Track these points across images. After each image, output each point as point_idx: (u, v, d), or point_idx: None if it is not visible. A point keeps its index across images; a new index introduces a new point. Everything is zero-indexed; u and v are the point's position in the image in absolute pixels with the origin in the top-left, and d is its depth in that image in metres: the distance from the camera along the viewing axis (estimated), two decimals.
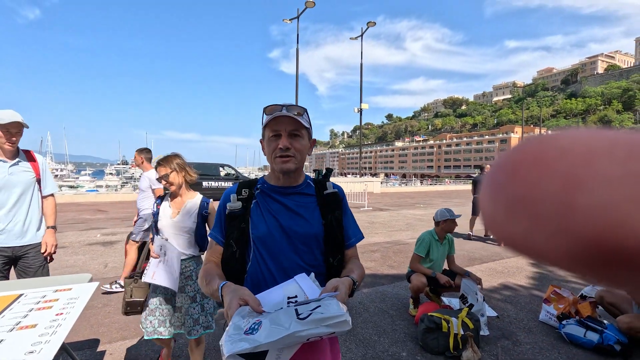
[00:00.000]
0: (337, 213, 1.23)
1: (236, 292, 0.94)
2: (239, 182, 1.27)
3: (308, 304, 0.88)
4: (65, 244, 6.94)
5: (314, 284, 1.01)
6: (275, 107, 1.14)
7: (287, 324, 0.81)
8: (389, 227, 9.21)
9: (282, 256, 1.14)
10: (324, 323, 0.81)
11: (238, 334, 0.81)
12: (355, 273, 1.13)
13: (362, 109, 24.31)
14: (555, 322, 3.30)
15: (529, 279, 4.81)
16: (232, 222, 1.17)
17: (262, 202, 1.19)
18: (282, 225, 1.15)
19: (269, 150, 1.16)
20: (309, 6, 19.98)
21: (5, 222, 2.42)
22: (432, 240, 3.65)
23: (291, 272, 1.11)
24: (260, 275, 1.14)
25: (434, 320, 2.90)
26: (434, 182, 43.27)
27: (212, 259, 1.21)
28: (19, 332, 1.60)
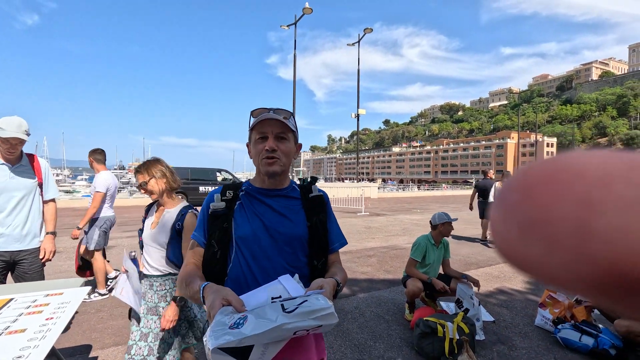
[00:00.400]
0: (321, 216, 1.23)
1: (219, 292, 0.92)
2: (224, 185, 1.26)
3: (294, 300, 0.87)
4: (60, 249, 6.88)
5: (298, 285, 1.00)
6: (262, 110, 1.15)
7: (273, 317, 0.80)
8: (385, 232, 9.20)
9: (265, 258, 1.12)
10: (311, 316, 0.81)
11: (222, 329, 0.79)
12: (338, 276, 1.12)
13: (360, 114, 24.43)
14: (550, 326, 3.29)
15: (524, 284, 4.81)
16: (215, 222, 1.16)
17: (247, 204, 1.19)
18: (266, 226, 1.14)
19: (255, 152, 1.16)
20: (306, 12, 20.14)
21: (4, 226, 2.40)
22: (428, 245, 3.64)
23: (274, 274, 1.09)
24: (241, 277, 1.12)
25: (430, 324, 2.89)
26: (431, 188, 43.33)
27: (192, 260, 1.18)
28: (7, 337, 1.57)
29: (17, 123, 2.36)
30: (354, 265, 5.73)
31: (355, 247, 7.19)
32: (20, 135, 2.34)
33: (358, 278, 5.00)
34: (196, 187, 15.03)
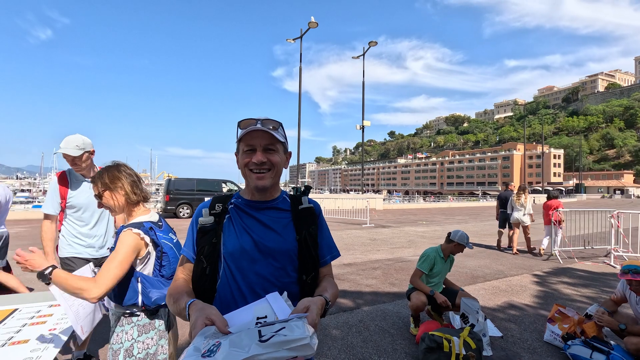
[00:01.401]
0: (312, 229, 1.19)
1: (203, 310, 0.90)
2: (213, 197, 1.22)
3: (273, 325, 0.84)
4: None
5: (285, 304, 0.97)
6: (249, 122, 1.11)
7: (247, 346, 0.76)
8: (390, 244, 9.12)
9: (253, 273, 1.09)
10: (285, 346, 0.77)
11: (195, 355, 0.77)
12: (328, 292, 1.09)
13: (365, 126, 24.51)
14: (560, 342, 3.21)
15: (533, 298, 4.71)
16: (204, 237, 1.13)
17: (235, 217, 1.16)
18: (255, 241, 1.11)
19: (242, 165, 1.14)
20: (312, 26, 20.48)
21: (92, 237, 2.66)
22: (437, 257, 3.61)
23: (261, 291, 1.07)
24: (229, 294, 1.09)
25: (435, 339, 2.83)
26: (437, 199, 43.03)
27: (181, 275, 1.17)
28: (10, 347, 1.58)
29: (69, 140, 2.46)
30: (358, 277, 5.67)
31: (360, 259, 7.13)
32: (68, 151, 2.43)
33: (362, 291, 4.94)
34: (202, 197, 15.19)
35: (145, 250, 1.57)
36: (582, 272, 6.33)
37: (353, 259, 7.16)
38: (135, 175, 1.80)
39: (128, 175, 1.74)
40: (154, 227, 1.64)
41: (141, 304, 1.57)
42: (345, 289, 4.98)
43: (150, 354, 1.61)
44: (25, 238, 9.66)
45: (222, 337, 0.82)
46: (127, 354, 1.56)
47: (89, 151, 2.54)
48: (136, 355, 1.57)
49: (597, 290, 5.11)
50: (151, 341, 1.62)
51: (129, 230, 1.54)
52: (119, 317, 1.61)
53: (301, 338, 0.78)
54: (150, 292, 1.57)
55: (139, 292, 1.56)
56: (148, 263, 1.60)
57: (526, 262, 7.11)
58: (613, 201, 49.95)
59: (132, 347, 1.58)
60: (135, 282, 1.57)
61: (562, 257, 7.37)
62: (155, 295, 1.57)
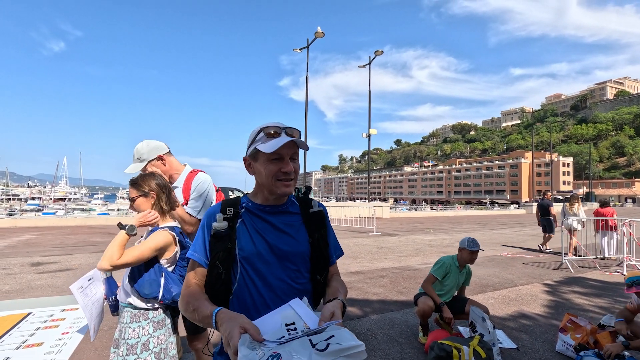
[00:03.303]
0: (322, 231, 1.24)
1: (234, 320, 0.90)
2: (222, 201, 1.22)
3: (319, 334, 0.86)
4: (74, 266, 6.99)
5: (309, 310, 1.00)
6: (276, 129, 1.11)
7: (306, 356, 0.78)
8: (398, 253, 9.05)
9: (270, 275, 1.12)
10: (343, 354, 0.79)
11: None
12: (341, 292, 1.15)
13: (371, 134, 24.56)
14: (572, 352, 3.14)
15: (544, 307, 4.63)
16: (218, 243, 1.12)
17: (248, 221, 1.17)
18: (270, 244, 1.14)
19: (267, 172, 1.12)
20: (318, 36, 20.73)
21: None
22: (452, 266, 3.56)
23: (279, 291, 1.10)
24: (247, 296, 1.12)
25: (445, 348, 2.80)
26: (444, 208, 42.67)
27: (194, 280, 1.15)
28: (25, 350, 1.60)
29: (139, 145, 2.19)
30: (365, 285, 5.63)
31: (368, 268, 7.08)
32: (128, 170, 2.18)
33: (370, 299, 4.91)
34: None
35: (174, 250, 1.78)
36: (594, 282, 6.21)
37: (360, 267, 7.12)
38: (168, 186, 1.92)
39: (163, 186, 1.88)
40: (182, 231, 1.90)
41: (161, 297, 1.72)
42: (352, 297, 4.95)
43: (163, 348, 1.76)
44: (36, 245, 9.79)
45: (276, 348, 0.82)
46: (144, 348, 1.70)
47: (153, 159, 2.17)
48: (152, 349, 1.72)
49: (610, 300, 5.00)
50: (163, 337, 1.78)
51: (165, 230, 1.77)
52: (135, 314, 1.74)
53: (357, 345, 0.81)
54: (172, 287, 1.74)
55: (161, 286, 1.71)
56: (174, 262, 1.81)
57: (536, 271, 7.00)
58: (624, 209, 48.98)
59: (149, 342, 1.72)
60: (160, 277, 1.73)
61: (574, 266, 7.24)
62: (175, 291, 1.75)
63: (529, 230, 15.97)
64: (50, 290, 5.17)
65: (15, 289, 5.30)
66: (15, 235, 11.84)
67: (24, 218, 17.29)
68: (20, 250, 8.94)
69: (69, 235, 11.84)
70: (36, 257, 7.95)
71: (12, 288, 5.33)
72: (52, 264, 7.21)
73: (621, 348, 2.86)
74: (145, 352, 1.69)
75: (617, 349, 2.85)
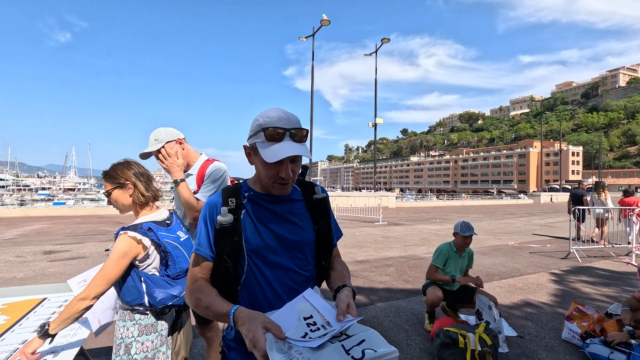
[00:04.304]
0: (326, 217, 1.23)
1: (256, 319, 0.89)
2: (222, 190, 1.17)
3: (350, 338, 0.87)
4: (86, 254, 7.14)
5: (323, 301, 1.00)
6: (278, 135, 1.03)
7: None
8: (404, 242, 9.08)
9: (279, 265, 1.11)
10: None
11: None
12: (347, 278, 1.17)
13: (377, 123, 24.39)
14: (578, 340, 3.16)
15: (550, 296, 4.63)
16: (225, 237, 1.09)
17: (252, 211, 1.14)
18: (276, 234, 1.12)
19: (266, 174, 1.08)
20: (324, 24, 20.47)
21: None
22: (450, 252, 3.58)
23: (287, 279, 1.11)
24: (256, 287, 1.11)
25: (450, 335, 2.83)
26: (450, 198, 42.49)
27: (200, 274, 1.12)
28: None
29: (150, 136, 2.12)
30: (371, 274, 5.67)
31: (374, 257, 7.13)
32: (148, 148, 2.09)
33: (376, 287, 4.95)
34: None
35: (144, 253, 1.55)
36: (602, 271, 6.18)
37: (366, 256, 7.16)
38: (147, 174, 1.73)
39: (140, 175, 1.68)
40: (155, 227, 1.60)
41: (148, 304, 1.56)
42: (359, 285, 5.00)
43: (148, 357, 1.57)
44: (47, 234, 10.00)
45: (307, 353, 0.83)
46: (126, 351, 1.55)
47: (171, 141, 2.10)
48: (133, 355, 1.55)
49: (618, 290, 4.99)
50: (150, 344, 1.58)
51: (125, 234, 1.53)
52: (123, 312, 1.61)
53: (392, 352, 0.81)
54: (154, 292, 1.54)
55: (144, 292, 1.55)
56: (152, 263, 1.59)
57: (543, 260, 6.99)
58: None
59: (131, 346, 1.55)
60: (139, 283, 1.55)
61: (582, 255, 7.20)
62: (161, 295, 1.55)
63: (536, 220, 15.87)
64: (64, 277, 5.30)
65: (30, 276, 5.44)
66: (27, 225, 12.09)
67: (35, 208, 17.61)
68: (33, 239, 9.14)
69: (79, 225, 12.05)
70: (48, 245, 8.13)
71: (27, 275, 5.48)
72: (64, 252, 7.37)
73: (626, 337, 2.86)
74: (126, 355, 1.54)
75: (621, 337, 2.86)
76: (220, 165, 2.16)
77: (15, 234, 10.06)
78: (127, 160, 1.72)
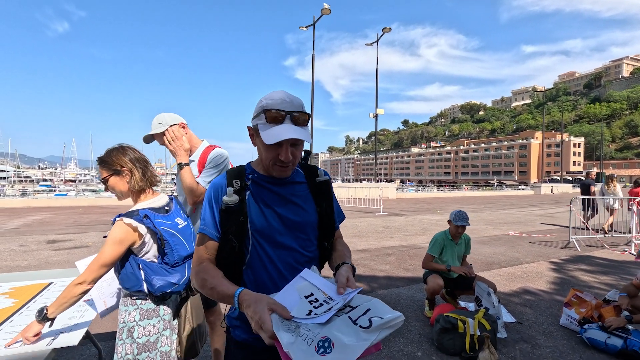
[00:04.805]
0: (329, 200, 1.26)
1: (261, 301, 0.90)
2: (227, 172, 1.19)
3: (355, 309, 0.89)
4: (89, 243, 7.20)
5: (321, 278, 1.02)
6: (279, 116, 1.05)
7: (353, 335, 0.82)
8: (404, 232, 9.13)
9: (283, 245, 1.14)
10: (386, 326, 0.83)
11: (309, 353, 0.80)
12: (347, 256, 1.20)
13: (378, 114, 24.28)
14: (576, 326, 3.20)
15: (549, 284, 4.68)
16: (230, 217, 1.11)
17: (257, 193, 1.16)
18: (280, 216, 1.14)
19: (266, 155, 1.11)
20: (325, 13, 20.23)
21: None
22: (445, 240, 3.61)
23: (291, 259, 1.13)
24: (260, 267, 1.13)
25: (450, 320, 2.87)
26: (451, 189, 42.51)
27: (206, 255, 1.13)
28: None
29: (153, 120, 2.14)
30: (372, 263, 5.72)
31: (374, 246, 7.18)
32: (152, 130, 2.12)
33: (377, 275, 5.00)
34: None
35: (140, 240, 1.54)
36: (601, 260, 6.22)
37: (367, 246, 7.22)
38: (143, 159, 1.69)
39: (136, 160, 1.64)
40: (152, 213, 1.58)
41: (147, 291, 1.56)
42: (359, 274, 5.05)
43: (150, 342, 1.57)
44: (50, 224, 10.07)
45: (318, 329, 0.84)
46: (129, 334, 1.56)
47: (175, 124, 2.11)
48: (136, 339, 1.55)
49: (617, 278, 5.03)
50: (153, 329, 1.59)
51: (120, 221, 1.52)
52: (124, 297, 1.61)
53: (397, 316, 0.84)
54: (152, 280, 1.54)
55: (142, 279, 1.54)
56: (150, 250, 1.58)
57: (543, 249, 7.03)
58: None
59: (133, 330, 1.56)
60: (137, 270, 1.55)
61: (581, 245, 7.25)
62: (159, 283, 1.55)
63: (536, 211, 15.91)
64: (68, 265, 5.36)
65: (34, 264, 5.50)
66: (29, 215, 12.16)
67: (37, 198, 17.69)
68: (36, 228, 9.21)
69: (81, 215, 12.12)
70: (51, 235, 8.19)
71: (31, 264, 5.54)
72: (67, 241, 7.44)
73: (624, 322, 2.90)
74: (129, 339, 1.56)
75: (619, 323, 2.90)
76: (222, 152, 2.18)
77: (18, 224, 10.13)
78: (122, 146, 1.68)
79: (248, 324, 0.94)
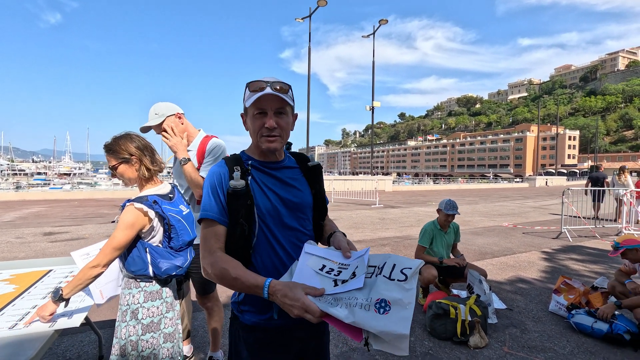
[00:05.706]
0: (321, 183, 1.35)
1: (295, 287, 0.95)
2: (224, 159, 1.22)
3: (383, 268, 0.95)
4: (85, 235, 7.22)
5: (322, 248, 1.10)
6: (259, 84, 1.11)
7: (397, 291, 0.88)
8: (399, 223, 9.22)
9: (287, 225, 1.19)
10: (416, 272, 0.91)
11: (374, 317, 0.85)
12: (336, 227, 1.33)
13: (374, 107, 24.26)
14: (564, 312, 3.30)
15: (540, 273, 4.79)
16: (238, 201, 1.13)
17: (257, 177, 1.20)
18: (281, 198, 1.20)
19: (254, 128, 1.16)
20: (321, 4, 20.05)
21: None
22: (434, 230, 3.68)
23: (294, 238, 1.20)
24: (268, 248, 1.16)
25: (442, 306, 2.95)
26: (447, 182, 42.73)
27: (217, 244, 1.12)
28: None
29: (150, 111, 2.16)
30: None
31: (370, 237, 7.26)
32: (149, 122, 2.13)
33: None
34: None
35: (150, 224, 1.59)
36: (591, 250, 6.35)
37: (362, 237, 7.30)
38: (150, 147, 1.73)
39: (144, 148, 1.68)
40: (160, 199, 1.63)
41: (152, 274, 1.61)
42: None
43: (154, 322, 1.62)
44: (46, 217, 10.05)
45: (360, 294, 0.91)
46: (133, 316, 1.60)
47: (172, 115, 2.15)
48: (140, 319, 1.61)
49: (606, 266, 5.15)
50: (156, 310, 1.64)
51: (131, 205, 1.55)
52: (128, 280, 1.65)
53: (420, 263, 0.93)
54: (159, 263, 1.60)
55: (148, 262, 1.59)
56: (157, 235, 1.63)
57: (535, 240, 7.15)
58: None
59: (137, 311, 1.61)
60: (144, 253, 1.59)
61: (572, 235, 7.37)
62: (165, 266, 1.61)
63: (530, 203, 16.08)
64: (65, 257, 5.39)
65: (31, 256, 5.52)
66: (24, 208, 12.12)
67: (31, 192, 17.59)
68: (31, 221, 9.20)
69: (77, 208, 12.09)
70: (47, 227, 8.19)
71: (28, 255, 5.56)
72: (63, 233, 7.45)
73: (614, 308, 2.99)
74: (133, 320, 1.61)
75: (611, 310, 2.98)
76: (220, 142, 2.23)
77: (13, 216, 10.11)
78: (129, 133, 1.71)
79: (257, 307, 1.05)
